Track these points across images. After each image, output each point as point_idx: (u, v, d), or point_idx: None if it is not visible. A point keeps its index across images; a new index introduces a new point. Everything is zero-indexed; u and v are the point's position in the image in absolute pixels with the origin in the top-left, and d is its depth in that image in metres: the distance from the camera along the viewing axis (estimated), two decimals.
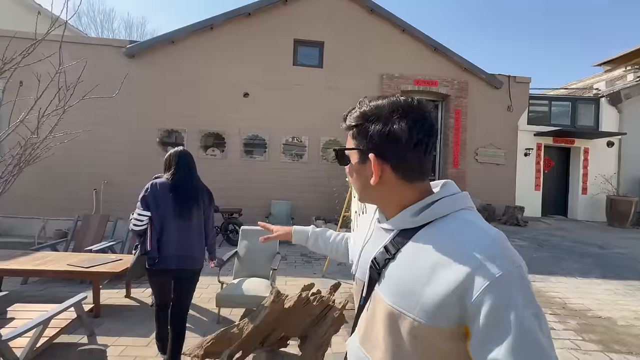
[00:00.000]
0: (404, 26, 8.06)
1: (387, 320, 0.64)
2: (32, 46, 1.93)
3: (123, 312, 3.26)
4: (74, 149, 6.45)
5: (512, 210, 8.36)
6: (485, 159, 8.59)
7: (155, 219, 2.15)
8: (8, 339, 1.97)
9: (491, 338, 0.52)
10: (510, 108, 8.70)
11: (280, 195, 7.39)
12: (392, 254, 0.67)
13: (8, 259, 3.36)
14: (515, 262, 0.57)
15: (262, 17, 7.63)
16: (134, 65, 7.15)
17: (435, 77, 8.23)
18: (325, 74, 7.82)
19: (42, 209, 6.71)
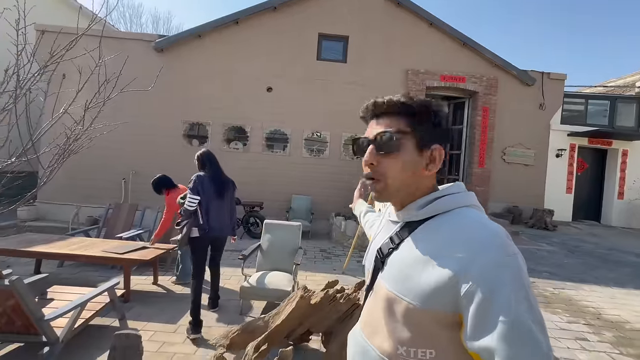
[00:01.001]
0: (432, 20, 7.82)
1: (386, 304, 0.68)
2: (74, 40, 2.00)
3: (151, 298, 3.38)
4: (104, 140, 6.72)
5: (540, 213, 8.02)
6: (513, 159, 8.26)
7: (203, 201, 2.88)
8: (50, 319, 2.08)
9: (483, 326, 0.54)
10: (542, 106, 8.30)
11: (300, 190, 7.41)
12: (395, 244, 0.72)
13: (47, 243, 3.55)
14: (509, 251, 0.58)
15: (288, 11, 7.61)
16: (163, 59, 7.33)
17: (463, 73, 7.96)
18: (348, 69, 7.73)
19: (75, 196, 7.06)
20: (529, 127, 8.28)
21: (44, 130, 1.95)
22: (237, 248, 5.17)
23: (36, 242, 3.50)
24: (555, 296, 3.89)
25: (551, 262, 5.28)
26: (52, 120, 1.94)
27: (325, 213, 7.24)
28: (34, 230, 5.82)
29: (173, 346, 2.52)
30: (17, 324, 2.16)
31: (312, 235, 6.59)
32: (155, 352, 2.41)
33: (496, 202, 8.23)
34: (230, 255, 4.78)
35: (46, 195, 7.07)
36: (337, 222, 6.64)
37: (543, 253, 5.79)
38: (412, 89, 7.78)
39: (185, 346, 2.54)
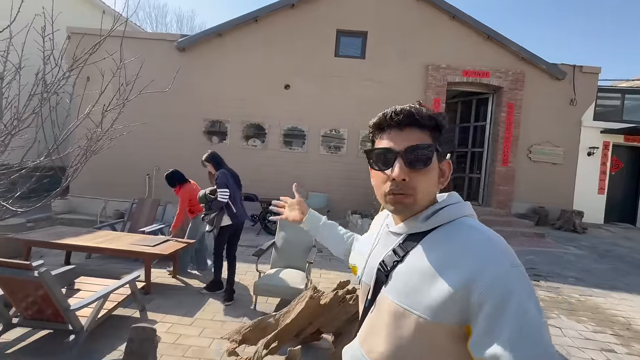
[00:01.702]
0: (454, 12, 7.55)
1: (391, 318, 0.67)
2: (97, 44, 2.09)
3: (170, 291, 3.51)
4: (130, 138, 7.00)
5: (568, 214, 7.63)
6: (540, 157, 7.88)
7: (231, 192, 3.35)
8: (75, 309, 2.21)
9: (493, 334, 0.54)
10: (573, 102, 7.84)
11: (318, 187, 7.43)
12: (400, 257, 0.70)
13: (76, 236, 3.76)
14: (514, 262, 0.60)
15: (306, 7, 7.59)
16: (184, 59, 7.53)
17: (487, 68, 7.65)
18: (367, 65, 7.62)
19: (104, 191, 7.42)
20: (558, 124, 7.86)
21: (69, 131, 2.06)
22: (253, 244, 5.27)
23: (66, 235, 3.72)
24: (581, 303, 3.70)
25: (578, 266, 5.02)
26: (75, 122, 2.05)
27: (342, 211, 7.23)
28: (65, 222, 6.18)
29: (189, 339, 2.61)
30: (47, 313, 2.31)
31: None
32: (172, 344, 2.51)
33: (521, 202, 7.90)
34: (245, 251, 4.87)
35: (78, 189, 7.49)
36: (353, 220, 6.61)
37: (570, 257, 5.51)
38: (432, 85, 7.59)
39: (201, 339, 2.63)
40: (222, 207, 3.33)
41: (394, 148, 0.69)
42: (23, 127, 1.89)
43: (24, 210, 1.64)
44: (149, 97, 4.79)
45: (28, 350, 2.35)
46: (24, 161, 1.74)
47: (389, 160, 0.69)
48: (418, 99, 0.73)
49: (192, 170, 7.17)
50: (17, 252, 3.76)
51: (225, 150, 7.63)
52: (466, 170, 9.01)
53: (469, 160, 8.94)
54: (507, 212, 7.68)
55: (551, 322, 3.18)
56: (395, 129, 0.71)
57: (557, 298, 3.80)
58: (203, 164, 3.60)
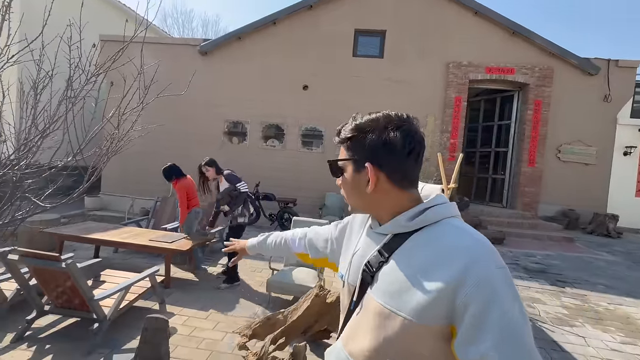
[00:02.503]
0: (477, 8, 7.32)
1: (376, 320, 0.66)
2: (120, 51, 2.23)
3: (188, 285, 3.66)
4: (156, 139, 7.36)
5: (601, 218, 7.19)
6: (570, 157, 7.47)
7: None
8: (99, 299, 2.37)
9: (477, 334, 0.54)
10: (607, 98, 7.37)
11: (334, 187, 7.39)
12: (385, 257, 0.70)
13: (103, 231, 4.01)
14: (499, 264, 0.60)
15: (324, 8, 7.63)
16: (207, 62, 7.80)
17: (512, 64, 7.35)
18: (385, 65, 7.55)
19: (131, 189, 7.82)
20: (590, 122, 7.42)
21: (95, 133, 2.21)
22: None
23: (94, 230, 3.97)
24: (610, 312, 3.48)
25: (609, 273, 4.71)
26: (100, 125, 2.19)
27: None
28: (96, 219, 6.58)
29: (203, 332, 2.72)
30: (75, 302, 2.48)
31: None
32: (187, 336, 2.62)
33: (548, 205, 7.53)
34: None
35: (108, 188, 7.96)
36: None
37: (600, 263, 5.19)
38: (453, 83, 7.39)
39: (215, 332, 2.73)
40: (245, 198, 3.73)
41: None
42: (54, 130, 2.06)
43: (52, 206, 1.79)
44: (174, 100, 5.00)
45: (58, 336, 2.54)
46: (53, 161, 1.89)
47: None
48: (354, 113, 0.76)
49: None
50: (52, 245, 4.06)
51: (245, 151, 7.84)
52: (489, 171, 8.71)
53: (492, 160, 8.63)
54: (533, 215, 7.34)
55: (574, 330, 3.03)
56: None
57: (582, 306, 3.60)
58: (204, 169, 3.85)
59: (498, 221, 6.99)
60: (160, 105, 5.87)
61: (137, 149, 6.92)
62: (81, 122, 2.09)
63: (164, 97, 2.99)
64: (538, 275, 4.46)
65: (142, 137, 2.90)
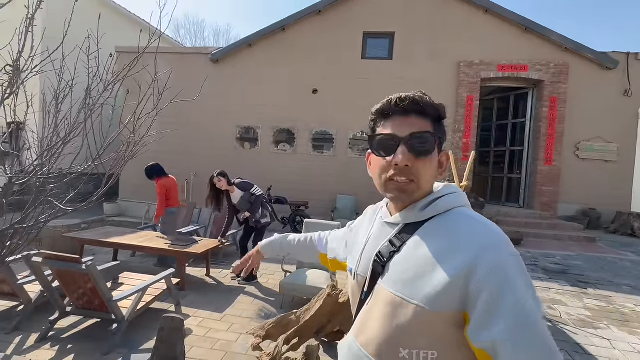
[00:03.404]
0: (488, 6, 7.23)
1: (388, 308, 0.66)
2: (135, 59, 2.31)
3: (203, 288, 3.72)
4: (171, 146, 7.56)
5: (625, 217, 6.91)
6: (589, 154, 7.23)
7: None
8: (117, 300, 2.44)
9: (490, 319, 0.54)
10: (628, 92, 7.12)
11: (346, 189, 7.43)
12: (397, 247, 0.70)
13: (121, 236, 4.12)
14: (512, 252, 0.60)
15: (332, 12, 7.70)
16: (218, 69, 7.97)
17: (525, 61, 7.21)
18: (395, 66, 7.53)
19: (148, 195, 8.00)
20: (610, 118, 7.17)
21: (112, 139, 2.30)
22: None
23: (113, 235, 4.09)
24: (637, 314, 3.33)
25: (635, 274, 4.51)
26: (117, 131, 2.27)
27: None
28: (115, 224, 6.77)
29: (218, 333, 2.75)
30: (95, 303, 2.56)
31: None
32: (202, 337, 2.66)
33: (567, 204, 7.29)
34: None
35: (126, 194, 8.19)
36: None
37: (626, 263, 4.98)
38: (464, 82, 7.30)
39: (229, 334, 2.76)
40: (262, 201, 3.96)
41: (398, 134, 0.68)
42: (74, 137, 2.15)
43: (73, 209, 1.86)
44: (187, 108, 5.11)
45: (79, 336, 2.62)
46: (73, 166, 1.97)
47: (391, 147, 0.69)
48: (420, 91, 0.71)
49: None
50: (73, 249, 4.20)
51: (256, 155, 7.94)
52: (504, 171, 8.52)
53: (507, 159, 8.44)
54: (552, 215, 7.12)
55: (599, 333, 2.91)
56: (399, 116, 0.70)
57: (607, 307, 3.45)
58: (216, 179, 3.91)
59: (515, 222, 6.81)
60: (174, 113, 6.05)
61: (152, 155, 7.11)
62: (99, 129, 2.18)
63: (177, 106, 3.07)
64: (558, 277, 4.31)
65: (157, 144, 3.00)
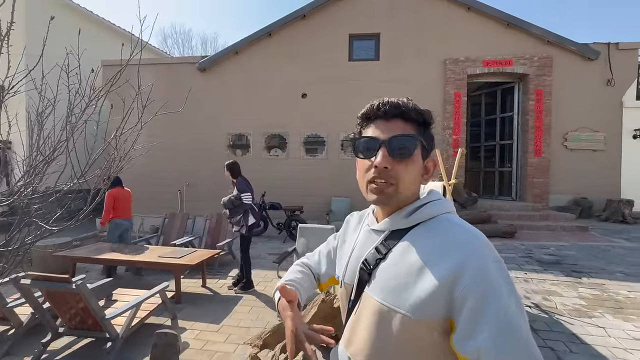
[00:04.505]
0: (470, 3, 7.33)
1: (375, 317, 0.66)
2: (118, 73, 2.29)
3: (199, 299, 3.68)
4: (162, 159, 7.51)
5: (615, 204, 7.02)
6: (577, 144, 7.34)
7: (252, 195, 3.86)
8: (110, 318, 2.40)
9: (475, 327, 0.55)
10: (611, 82, 7.26)
11: (340, 192, 7.44)
12: (383, 254, 0.70)
13: (113, 251, 4.06)
14: (496, 258, 0.60)
15: (317, 16, 7.74)
16: (206, 78, 7.95)
17: (509, 56, 7.32)
18: (382, 67, 7.59)
19: (141, 208, 7.92)
20: (595, 107, 7.30)
21: (97, 155, 2.27)
22: (280, 252, 5.36)
23: (105, 251, 4.03)
24: (630, 300, 3.37)
25: (628, 260, 4.58)
26: (101, 148, 2.25)
27: None
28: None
29: (215, 345, 2.72)
30: (88, 322, 2.52)
31: None
32: (199, 350, 2.63)
33: (559, 195, 7.38)
34: (274, 258, 4.98)
35: None
36: None
37: (618, 250, 5.05)
38: (451, 79, 7.38)
39: (227, 345, 2.73)
40: (247, 209, 3.82)
41: (378, 137, 0.69)
42: (57, 155, 2.12)
43: (60, 229, 1.83)
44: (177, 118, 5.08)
45: (73, 357, 2.57)
46: (57, 185, 1.94)
47: (372, 149, 0.69)
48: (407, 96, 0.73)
49: (218, 183, 7.49)
50: (65, 268, 4.13)
51: (249, 162, 7.90)
52: (496, 164, 8.61)
53: (497, 153, 8.54)
54: (544, 206, 7.21)
55: (593, 322, 2.94)
56: (381, 120, 0.71)
57: (601, 295, 3.49)
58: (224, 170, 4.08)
59: (508, 215, 6.87)
60: (164, 123, 6.00)
61: (143, 168, 7.08)
62: (84, 146, 2.16)
63: (168, 116, 3.07)
64: (553, 267, 4.36)
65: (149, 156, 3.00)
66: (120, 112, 2.42)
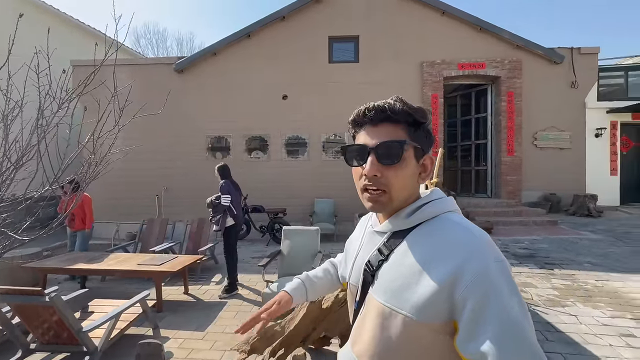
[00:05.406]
0: (444, 8, 7.58)
1: (379, 319, 0.66)
2: (92, 74, 2.19)
3: (182, 307, 3.57)
4: (139, 162, 7.24)
5: (582, 199, 7.45)
6: (546, 143, 7.75)
7: (233, 199, 3.97)
8: (88, 330, 2.28)
9: (477, 329, 0.54)
10: (574, 84, 7.72)
11: (323, 193, 7.46)
12: (385, 256, 0.70)
13: (89, 260, 3.87)
14: (498, 257, 0.59)
15: (296, 18, 7.74)
16: (183, 79, 7.75)
17: (482, 59, 7.62)
18: (361, 68, 7.69)
19: (117, 215, 7.62)
20: (561, 108, 7.74)
21: (71, 160, 2.16)
22: (265, 254, 5.31)
23: (79, 260, 3.83)
24: (598, 289, 3.59)
25: (594, 251, 4.88)
26: (74, 153, 2.14)
27: (349, 214, 7.21)
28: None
29: (200, 352, 2.65)
30: (63, 336, 2.39)
31: (338, 237, 6.59)
32: (184, 359, 2.55)
33: (531, 191, 7.76)
34: (258, 261, 4.92)
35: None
36: None
37: (585, 242, 5.37)
38: (428, 81, 7.59)
39: (212, 352, 2.66)
40: (224, 210, 3.94)
41: (367, 144, 0.69)
42: (26, 161, 2.00)
43: (31, 239, 1.73)
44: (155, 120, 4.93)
45: None
46: (27, 192, 1.83)
47: (363, 156, 0.69)
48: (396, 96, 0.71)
49: (198, 186, 7.33)
50: (35, 280, 3.90)
51: (229, 164, 7.74)
52: (472, 163, 8.92)
53: (473, 152, 8.85)
54: (517, 202, 7.54)
55: (566, 310, 3.11)
56: (370, 125, 0.71)
57: (572, 285, 3.70)
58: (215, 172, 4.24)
59: (485, 212, 7.14)
60: (141, 126, 5.81)
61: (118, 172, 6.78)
62: (56, 150, 2.04)
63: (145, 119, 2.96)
64: (527, 260, 4.57)
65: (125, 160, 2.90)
66: (95, 114, 2.32)
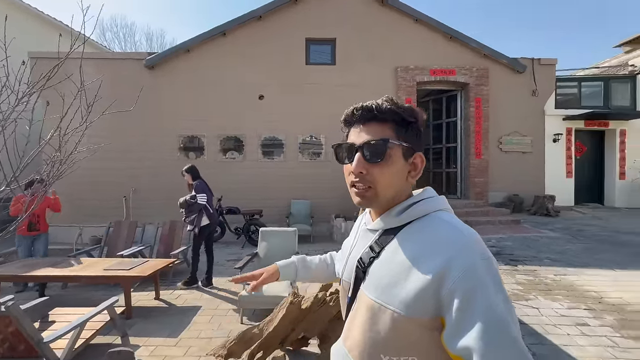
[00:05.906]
0: (417, 15, 7.85)
1: (369, 314, 0.68)
2: (55, 67, 2.05)
3: (153, 312, 3.42)
4: (104, 161, 6.84)
5: (541, 200, 7.98)
6: (510, 147, 8.23)
7: (208, 197, 4.08)
8: (49, 341, 2.12)
9: (463, 325, 0.55)
10: (535, 92, 8.27)
11: (299, 194, 7.45)
12: (376, 253, 0.71)
13: (49, 266, 3.61)
14: (484, 255, 0.60)
15: (273, 18, 7.69)
16: (154, 76, 7.45)
17: (452, 66, 7.97)
18: (338, 71, 7.78)
19: (80, 217, 7.15)
20: (523, 115, 8.26)
21: (31, 158, 2.01)
22: (240, 257, 5.21)
23: (38, 266, 3.56)
24: (557, 283, 3.87)
25: (553, 248, 5.25)
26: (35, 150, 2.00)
27: (326, 215, 7.26)
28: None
29: (174, 359, 2.55)
30: (20, 349, 2.21)
31: (314, 238, 6.61)
32: None
33: (496, 192, 8.20)
34: (234, 264, 4.81)
35: (52, 218, 7.16)
36: (337, 223, 6.66)
37: (545, 240, 5.76)
38: (402, 86, 7.82)
39: (187, 358, 2.57)
40: (201, 209, 3.99)
41: (355, 142, 0.71)
42: None
43: None
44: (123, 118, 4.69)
45: None
46: None
47: (351, 154, 0.72)
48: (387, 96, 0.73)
49: (171, 187, 7.06)
50: None
51: (203, 165, 7.50)
52: (443, 165, 9.29)
53: (444, 155, 9.22)
54: (484, 202, 7.94)
55: (529, 304, 3.32)
56: (358, 124, 0.73)
57: (534, 280, 3.96)
58: (182, 174, 4.22)
59: (455, 212, 7.29)
60: (109, 124, 5.52)
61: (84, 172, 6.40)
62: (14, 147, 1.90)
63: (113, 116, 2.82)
64: (494, 257, 4.82)
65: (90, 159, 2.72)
66: (58, 110, 2.17)
